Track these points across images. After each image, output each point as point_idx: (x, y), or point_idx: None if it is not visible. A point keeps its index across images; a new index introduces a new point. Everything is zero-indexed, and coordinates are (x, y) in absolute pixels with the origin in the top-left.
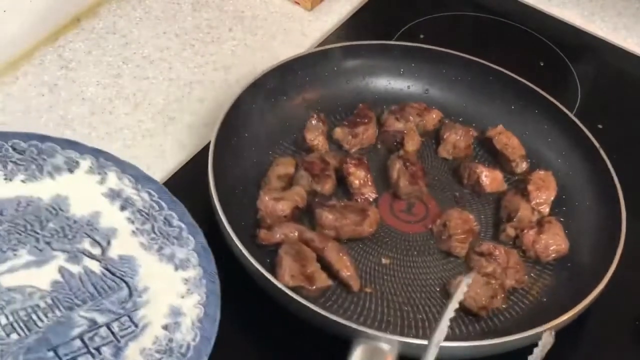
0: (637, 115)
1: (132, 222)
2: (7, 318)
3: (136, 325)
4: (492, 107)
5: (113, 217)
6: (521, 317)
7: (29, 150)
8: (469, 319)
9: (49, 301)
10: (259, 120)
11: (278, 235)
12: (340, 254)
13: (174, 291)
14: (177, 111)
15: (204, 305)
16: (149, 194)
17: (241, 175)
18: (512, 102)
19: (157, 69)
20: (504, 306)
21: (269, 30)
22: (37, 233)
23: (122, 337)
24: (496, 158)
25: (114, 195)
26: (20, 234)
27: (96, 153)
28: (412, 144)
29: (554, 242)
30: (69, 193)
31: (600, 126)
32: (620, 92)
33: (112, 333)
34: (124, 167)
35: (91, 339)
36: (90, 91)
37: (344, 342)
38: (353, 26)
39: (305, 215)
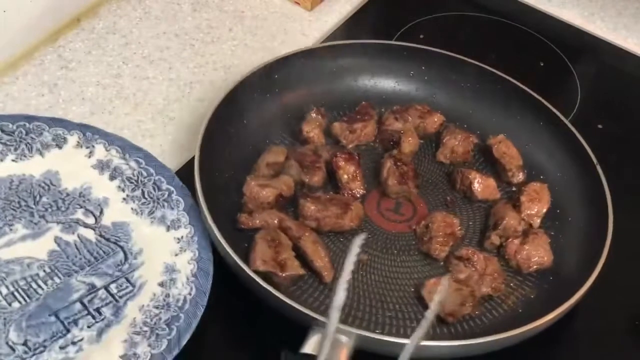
0: (637, 115)
1: (123, 190)
2: (8, 288)
3: (133, 285)
4: (498, 115)
5: (103, 187)
6: (492, 325)
7: (18, 131)
8: (438, 322)
9: (47, 270)
10: (260, 109)
11: (258, 221)
12: (316, 245)
13: (167, 250)
14: (177, 111)
15: (197, 261)
16: (137, 161)
17: (233, 160)
18: (517, 113)
19: (157, 69)
20: (476, 313)
21: (269, 30)
22: (31, 208)
23: (120, 297)
24: (494, 167)
25: (102, 166)
26: (14, 210)
27: (83, 128)
28: (408, 145)
29: (536, 254)
30: (59, 168)
31: (600, 126)
32: (620, 92)
33: (111, 294)
34: (111, 139)
35: (90, 301)
36: (90, 91)
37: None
38: (353, 26)
39: (291, 205)
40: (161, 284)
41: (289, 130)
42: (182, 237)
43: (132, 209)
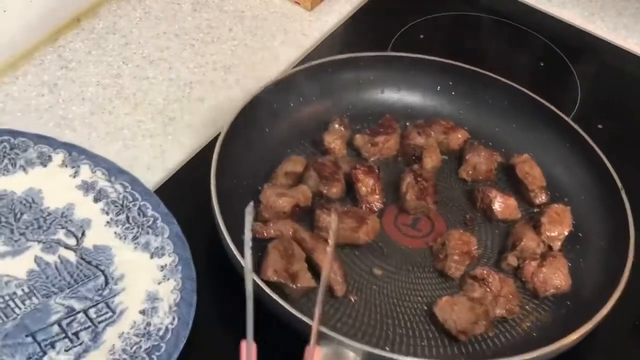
0: (638, 115)
1: (107, 213)
2: None
3: (113, 311)
4: (524, 135)
5: (87, 208)
6: (504, 347)
7: (2, 146)
8: (449, 341)
9: (26, 289)
10: (282, 117)
11: (272, 231)
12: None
13: (150, 278)
14: (177, 111)
15: (180, 291)
16: (123, 185)
17: (252, 167)
18: (544, 133)
19: (157, 69)
20: (490, 334)
21: (269, 30)
22: (11, 225)
23: (99, 322)
24: (517, 186)
25: (87, 187)
26: None
27: (69, 147)
28: (430, 161)
29: (554, 278)
30: (43, 186)
31: (600, 126)
32: (620, 92)
33: (90, 319)
34: (97, 161)
35: (69, 324)
36: (90, 91)
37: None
38: (353, 26)
39: (308, 215)
40: (142, 312)
41: (311, 140)
42: (165, 265)
43: (115, 232)
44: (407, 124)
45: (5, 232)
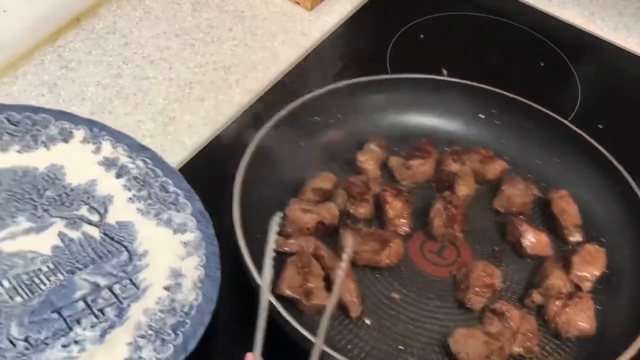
0: (638, 115)
1: (129, 189)
2: (10, 282)
3: (137, 287)
4: (565, 170)
5: (109, 184)
6: None
7: (23, 122)
8: None
9: (51, 265)
10: (319, 132)
11: (294, 245)
12: (347, 278)
13: (173, 254)
14: (177, 111)
15: (204, 267)
16: (144, 161)
17: (280, 180)
18: (587, 171)
19: (157, 69)
20: None
21: (269, 30)
22: (35, 201)
23: (124, 298)
24: (552, 223)
25: (109, 163)
26: (18, 202)
27: (90, 123)
28: (463, 189)
29: (578, 319)
30: (65, 162)
31: (600, 126)
32: (621, 92)
33: (114, 295)
34: (118, 137)
35: (94, 300)
36: (90, 91)
37: None
38: (353, 26)
39: (333, 234)
40: (166, 288)
41: (345, 158)
42: (188, 241)
43: (137, 209)
44: (446, 149)
45: (28, 208)
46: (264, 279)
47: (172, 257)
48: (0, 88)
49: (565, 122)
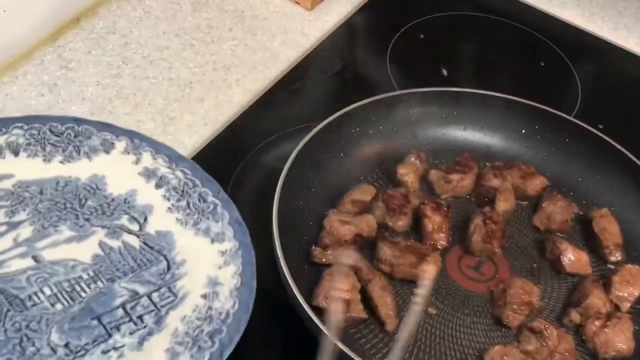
0: (638, 115)
1: (168, 199)
2: (51, 289)
3: (175, 295)
4: (607, 188)
5: (149, 194)
6: None
7: (66, 133)
8: None
9: (91, 273)
10: (360, 144)
11: (331, 257)
12: (384, 291)
13: (211, 263)
14: (177, 111)
15: (241, 275)
16: (183, 172)
17: (320, 190)
18: (629, 189)
19: (157, 69)
20: None
21: (269, 30)
22: (77, 210)
23: (162, 306)
24: (592, 241)
25: (149, 174)
26: (60, 211)
27: (131, 134)
28: (503, 204)
29: (617, 340)
30: (106, 172)
31: (600, 126)
32: (621, 92)
33: (153, 303)
34: (158, 148)
35: (133, 308)
36: (90, 91)
37: None
38: (353, 26)
39: (370, 246)
40: (204, 296)
41: (385, 170)
42: (226, 250)
43: (176, 218)
44: (487, 164)
45: (70, 217)
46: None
47: (209, 265)
48: (0, 88)
49: (608, 139)
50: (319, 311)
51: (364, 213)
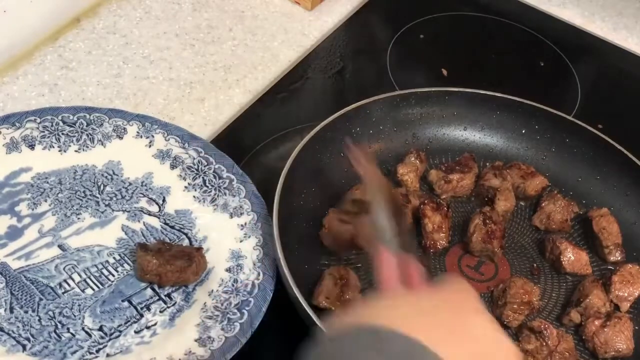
0: (638, 115)
1: (184, 179)
2: (80, 275)
3: None
4: (607, 188)
5: (165, 176)
6: None
7: (79, 122)
8: None
9: (117, 257)
10: (359, 144)
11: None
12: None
13: (231, 237)
14: (177, 111)
15: (262, 247)
16: (196, 150)
17: (321, 190)
18: (628, 189)
19: (157, 69)
20: None
21: (269, 30)
22: (97, 197)
23: None
24: (592, 241)
25: (163, 155)
26: (80, 199)
27: (142, 118)
28: (503, 204)
29: (616, 340)
30: (121, 158)
31: (600, 126)
32: (621, 91)
33: None
34: (170, 129)
35: (161, 287)
36: (90, 91)
37: None
38: (353, 26)
39: None
40: (228, 270)
41: (385, 170)
42: (245, 223)
43: (194, 197)
44: (487, 164)
45: (91, 204)
46: None
47: (230, 240)
48: (1, 88)
49: (608, 139)
50: (319, 311)
51: (364, 213)
